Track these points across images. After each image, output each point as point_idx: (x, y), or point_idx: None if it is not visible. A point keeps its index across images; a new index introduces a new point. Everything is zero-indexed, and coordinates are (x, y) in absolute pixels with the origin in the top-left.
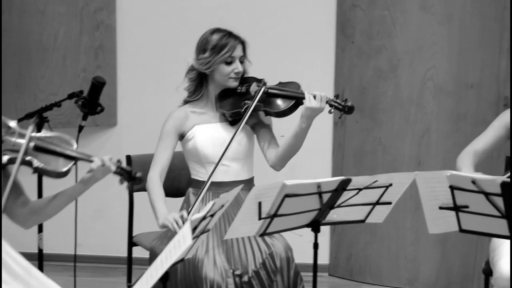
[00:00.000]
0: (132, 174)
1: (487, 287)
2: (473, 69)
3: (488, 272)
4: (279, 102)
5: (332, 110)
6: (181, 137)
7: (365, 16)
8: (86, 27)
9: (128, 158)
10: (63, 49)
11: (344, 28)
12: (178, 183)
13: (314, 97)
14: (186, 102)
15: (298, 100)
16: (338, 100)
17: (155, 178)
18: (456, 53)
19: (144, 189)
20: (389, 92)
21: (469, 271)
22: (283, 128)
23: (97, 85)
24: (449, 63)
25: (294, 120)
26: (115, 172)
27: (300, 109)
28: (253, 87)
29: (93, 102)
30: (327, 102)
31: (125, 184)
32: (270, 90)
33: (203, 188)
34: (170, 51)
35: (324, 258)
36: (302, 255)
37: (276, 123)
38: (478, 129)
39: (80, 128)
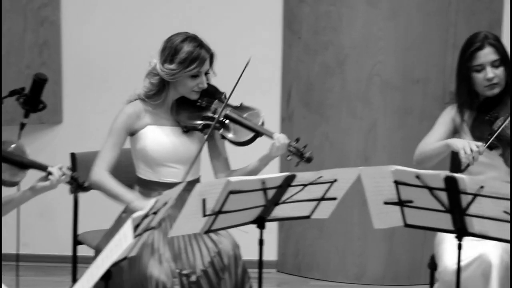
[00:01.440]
0: (81, 183)
1: (432, 281)
2: (419, 64)
3: (433, 266)
4: (239, 131)
5: (290, 157)
6: (132, 134)
7: (311, 11)
8: (30, 23)
9: (73, 156)
10: (6, 46)
11: (291, 24)
12: (127, 180)
13: (277, 147)
14: (141, 99)
15: (258, 134)
16: (297, 146)
17: (104, 172)
18: (402, 48)
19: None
20: (336, 87)
21: (415, 265)
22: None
23: (39, 82)
24: (395, 58)
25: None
26: (67, 182)
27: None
28: (214, 105)
29: (34, 99)
30: (288, 149)
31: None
32: (231, 115)
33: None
34: (116, 48)
35: (272, 255)
36: (250, 252)
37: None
38: (424, 124)
39: (22, 126)
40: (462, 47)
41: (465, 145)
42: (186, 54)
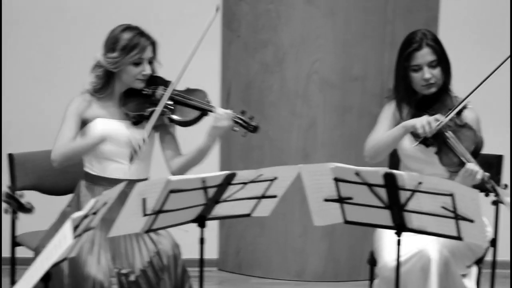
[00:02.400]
0: (22, 204)
1: (372, 277)
2: (358, 62)
3: (372, 262)
4: (185, 111)
5: (237, 128)
6: (83, 123)
7: (250, 10)
8: None
9: (10, 156)
10: None
11: (230, 22)
12: (65, 181)
13: (221, 116)
14: (89, 94)
15: (204, 112)
16: (243, 118)
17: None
18: (341, 46)
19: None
20: (275, 85)
21: (355, 261)
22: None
23: None
24: (334, 56)
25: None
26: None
27: (205, 121)
28: (160, 91)
29: None
30: (232, 119)
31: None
32: (175, 97)
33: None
34: (55, 46)
35: (213, 253)
36: (191, 251)
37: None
38: (363, 121)
39: None
40: (401, 46)
41: (422, 120)
42: (127, 41)
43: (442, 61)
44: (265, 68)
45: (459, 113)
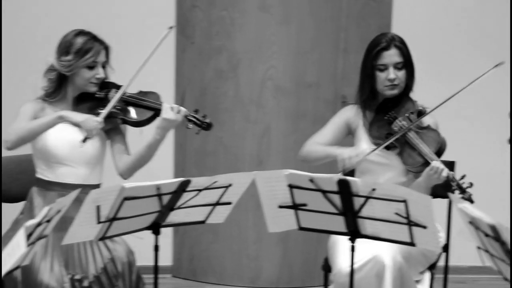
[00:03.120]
0: None
1: (326, 283)
2: (311, 69)
3: (327, 268)
4: (137, 111)
5: (190, 126)
6: None
7: (204, 16)
8: None
9: None
10: None
11: (184, 29)
12: (16, 188)
13: (172, 109)
14: (42, 100)
15: (156, 112)
16: (196, 115)
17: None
18: (295, 53)
19: None
20: (229, 92)
21: (310, 268)
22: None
23: None
24: (288, 62)
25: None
26: None
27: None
28: (112, 93)
29: None
30: (186, 117)
31: None
32: (128, 98)
33: None
34: (7, 51)
35: (167, 260)
36: (145, 258)
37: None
38: (317, 127)
39: None
40: (369, 45)
41: (350, 154)
42: (81, 44)
43: (408, 65)
44: (219, 74)
45: (420, 117)
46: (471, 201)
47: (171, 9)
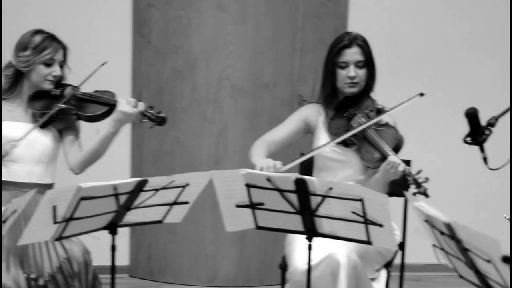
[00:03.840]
0: None
1: (283, 281)
2: (268, 68)
3: (284, 267)
4: (92, 107)
5: (145, 120)
6: None
7: (161, 16)
8: None
9: None
10: None
11: (140, 28)
12: None
13: (129, 102)
14: None
15: (111, 107)
16: (151, 111)
17: None
18: (252, 53)
19: None
20: (186, 91)
21: (267, 266)
22: None
23: None
24: (244, 62)
25: None
26: None
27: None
28: (68, 90)
29: None
30: (141, 112)
31: None
32: (84, 96)
33: None
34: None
35: (124, 260)
36: (102, 258)
37: None
38: (273, 126)
39: None
40: (332, 42)
41: (263, 165)
42: (39, 41)
43: (369, 64)
44: (176, 74)
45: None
46: (426, 196)
47: (127, 8)
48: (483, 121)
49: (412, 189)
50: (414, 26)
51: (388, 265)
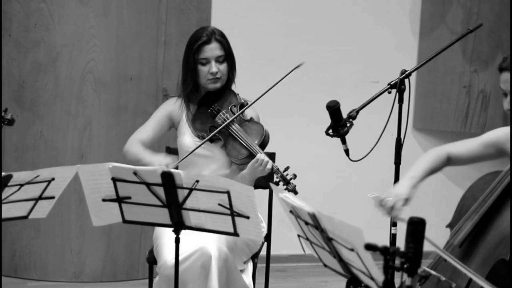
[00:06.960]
0: None
1: (151, 275)
2: (132, 62)
3: (152, 260)
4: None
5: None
6: None
7: (22, 8)
8: None
9: None
10: None
11: (1, 21)
12: None
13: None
14: None
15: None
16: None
17: None
18: (115, 46)
19: None
20: (49, 85)
21: (134, 260)
22: None
23: None
24: (108, 56)
25: None
26: None
27: None
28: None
29: None
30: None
31: None
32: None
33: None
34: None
35: None
36: None
37: None
38: (138, 120)
39: None
40: (190, 39)
41: (161, 163)
42: None
43: (229, 57)
44: (38, 67)
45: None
46: (295, 192)
47: None
48: (344, 114)
49: (281, 186)
50: (276, 20)
51: (255, 257)
